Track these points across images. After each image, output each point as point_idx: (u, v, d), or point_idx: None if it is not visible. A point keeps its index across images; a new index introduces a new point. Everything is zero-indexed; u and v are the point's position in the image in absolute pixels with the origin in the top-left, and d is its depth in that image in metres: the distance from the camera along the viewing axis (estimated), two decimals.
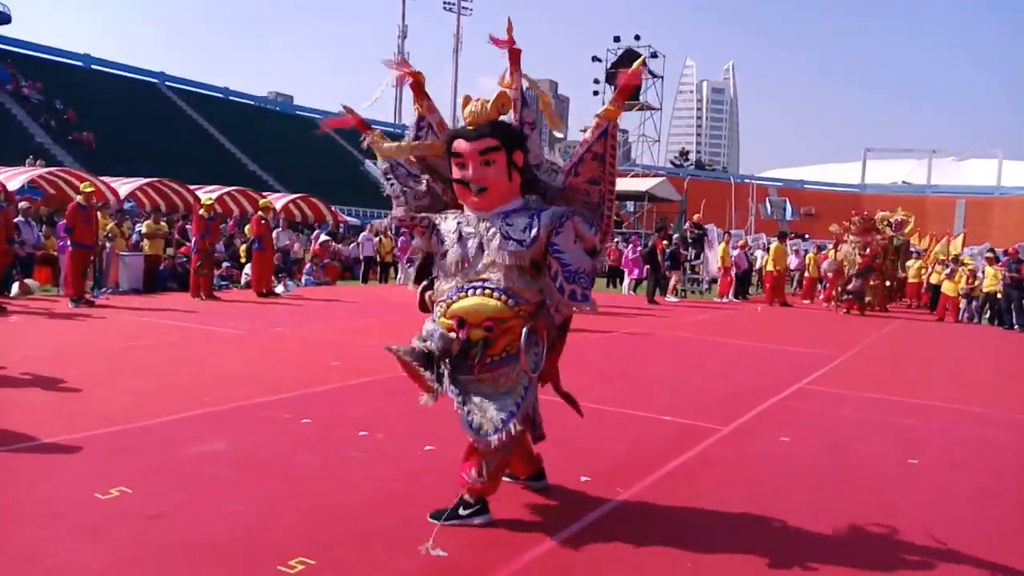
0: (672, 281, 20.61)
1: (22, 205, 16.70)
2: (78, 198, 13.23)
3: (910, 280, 23.05)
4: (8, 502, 3.93)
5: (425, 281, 4.09)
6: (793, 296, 23.76)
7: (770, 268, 21.02)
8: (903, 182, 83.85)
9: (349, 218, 37.65)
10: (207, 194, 22.15)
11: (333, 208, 36.13)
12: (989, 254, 21.40)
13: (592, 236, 3.81)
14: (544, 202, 3.95)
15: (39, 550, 3.37)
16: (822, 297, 22.24)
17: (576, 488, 4.52)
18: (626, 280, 22.63)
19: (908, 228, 22.24)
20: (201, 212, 15.53)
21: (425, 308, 4.03)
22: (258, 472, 4.56)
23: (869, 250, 18.97)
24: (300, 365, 8.25)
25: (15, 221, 14.25)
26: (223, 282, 17.65)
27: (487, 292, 3.71)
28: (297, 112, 74.48)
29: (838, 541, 4.04)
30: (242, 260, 19.19)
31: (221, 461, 4.73)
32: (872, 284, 19.18)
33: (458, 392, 3.78)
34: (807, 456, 5.71)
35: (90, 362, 7.90)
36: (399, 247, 21.67)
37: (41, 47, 55.03)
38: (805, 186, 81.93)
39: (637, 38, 52.88)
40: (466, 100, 3.87)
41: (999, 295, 18.11)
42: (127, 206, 26.60)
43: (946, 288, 19.51)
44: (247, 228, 20.18)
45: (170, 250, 18.27)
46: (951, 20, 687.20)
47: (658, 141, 57.10)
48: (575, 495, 4.43)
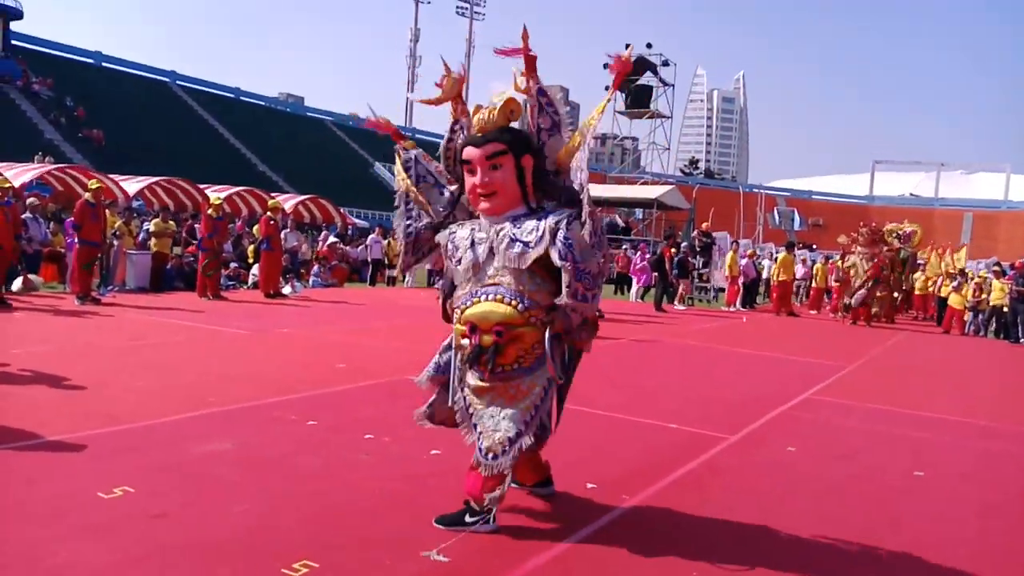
0: (680, 289, 20.61)
1: (30, 201, 16.76)
2: (86, 195, 13.23)
3: (916, 292, 23.01)
4: (10, 500, 3.91)
5: (446, 289, 4.08)
6: (800, 307, 23.75)
7: (778, 278, 21.02)
8: (911, 194, 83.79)
9: (358, 220, 37.70)
10: (216, 194, 22.22)
11: (342, 210, 36.19)
12: (996, 267, 21.41)
13: (591, 235, 3.79)
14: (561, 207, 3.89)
15: (41, 549, 3.36)
16: (829, 308, 22.22)
17: (582, 495, 4.49)
18: (634, 287, 22.64)
19: (916, 240, 22.21)
20: (210, 212, 15.57)
21: (448, 318, 4.01)
22: (263, 473, 4.54)
23: (876, 260, 18.96)
24: (306, 366, 8.24)
25: (23, 217, 14.28)
26: (230, 282, 17.66)
27: (498, 297, 3.70)
28: (308, 113, 74.68)
29: (843, 552, 4.01)
30: (250, 260, 19.21)
31: (226, 461, 4.71)
32: (879, 295, 19.16)
33: (469, 414, 3.80)
34: (813, 466, 5.69)
35: (95, 360, 7.90)
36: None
37: (52, 44, 55.29)
38: (813, 197, 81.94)
39: (649, 46, 52.91)
40: (476, 109, 3.87)
41: (1005, 308, 18.11)
42: (135, 204, 26.70)
43: (952, 301, 19.48)
44: (255, 228, 20.23)
45: (178, 249, 18.31)
46: (963, 34, 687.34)
47: (668, 149, 57.18)
48: (581, 502, 4.40)
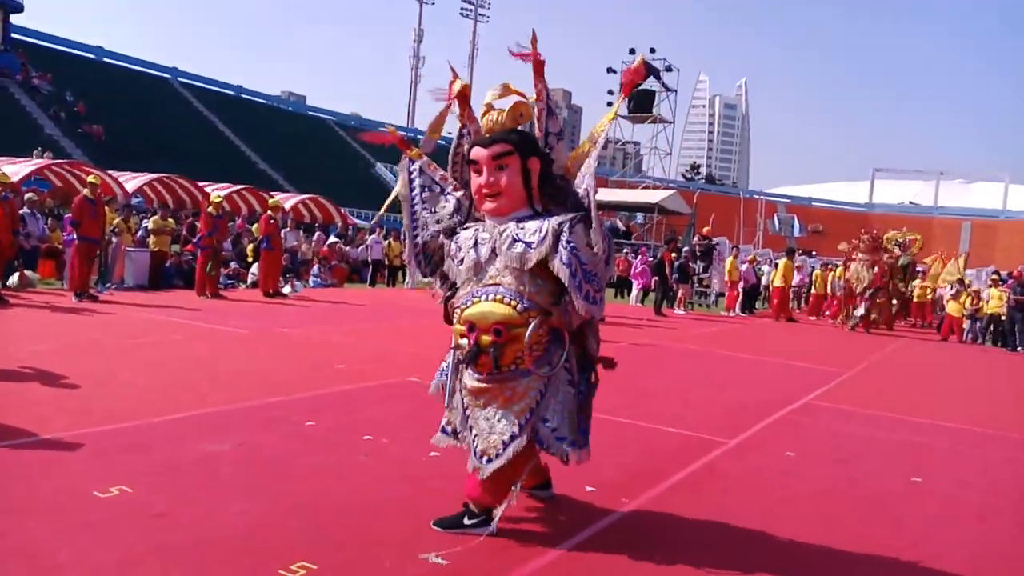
0: (680, 294, 20.61)
1: (28, 197, 16.72)
2: (85, 191, 13.21)
3: (916, 300, 23.04)
4: (8, 499, 3.88)
5: (449, 292, 4.07)
6: (799, 312, 23.78)
7: (778, 284, 21.06)
8: (910, 203, 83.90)
9: (358, 220, 37.70)
10: (216, 192, 22.21)
11: (343, 210, 36.19)
12: (994, 276, 21.45)
13: (596, 239, 3.78)
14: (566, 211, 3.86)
15: (40, 547, 3.34)
16: (828, 314, 22.24)
17: (581, 498, 4.48)
18: (634, 291, 22.64)
19: (916, 248, 22.22)
20: (209, 210, 15.55)
21: (450, 320, 3.99)
22: (261, 474, 4.53)
23: (877, 269, 18.99)
24: (305, 367, 8.21)
25: (20, 213, 14.25)
26: (229, 281, 17.63)
27: (498, 297, 3.68)
28: (309, 112, 74.72)
29: (842, 556, 4.01)
30: (249, 259, 19.18)
31: (224, 461, 4.69)
32: (879, 302, 19.20)
33: (465, 416, 3.80)
34: (812, 471, 5.69)
35: (93, 358, 7.86)
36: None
37: (53, 38, 55.18)
38: (813, 203, 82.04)
39: (652, 51, 52.99)
40: (487, 109, 3.85)
41: (1003, 316, 18.16)
42: (134, 201, 26.69)
43: (951, 308, 19.56)
44: (255, 227, 20.20)
45: (176, 247, 18.28)
46: (965, 44, 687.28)
47: (670, 154, 57.29)
48: (580, 505, 4.39)
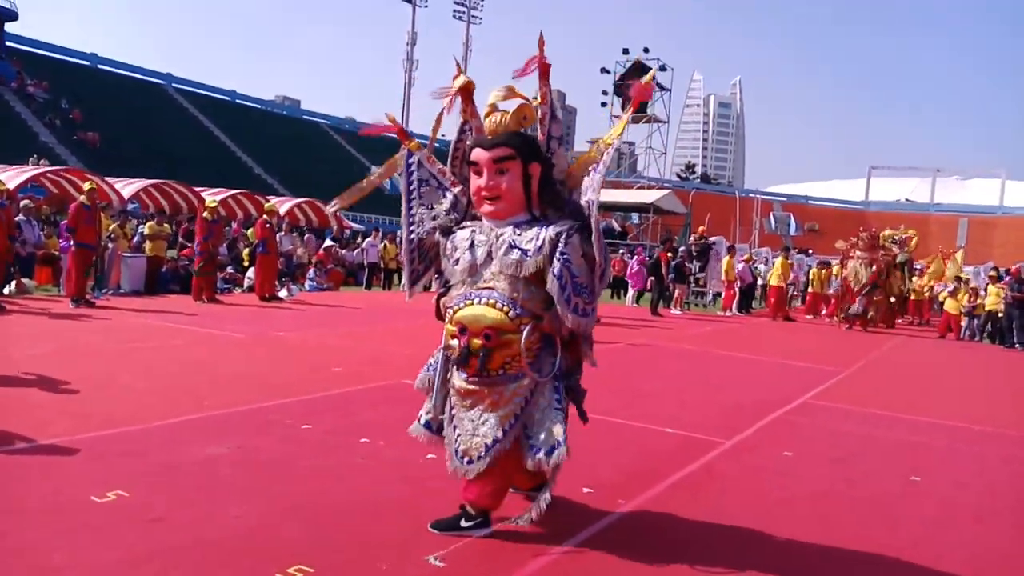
0: (676, 294, 20.61)
1: (24, 204, 16.69)
2: (81, 198, 13.21)
3: (913, 297, 23.05)
4: (7, 502, 3.88)
5: (442, 288, 4.07)
6: (795, 311, 23.78)
7: (774, 283, 21.07)
8: (907, 200, 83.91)
9: (354, 224, 37.63)
10: (212, 197, 22.19)
11: (338, 214, 36.11)
12: (992, 273, 21.45)
13: (593, 252, 3.77)
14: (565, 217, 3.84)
15: (38, 550, 3.34)
16: (826, 313, 22.24)
17: (578, 500, 4.48)
18: (630, 292, 22.63)
19: (912, 245, 22.22)
20: (205, 215, 15.55)
21: (441, 316, 3.99)
22: (258, 477, 4.53)
23: (875, 267, 19.00)
24: (302, 370, 8.22)
25: (16, 220, 14.23)
26: (225, 285, 17.61)
27: (490, 302, 3.67)
28: (304, 116, 74.66)
29: (839, 557, 4.02)
30: (245, 264, 19.17)
31: (222, 465, 4.69)
32: (876, 299, 19.20)
33: (451, 415, 3.83)
34: (810, 470, 5.69)
35: (91, 363, 7.86)
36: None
37: (48, 45, 55.14)
38: (809, 202, 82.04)
39: (646, 51, 52.91)
40: (491, 109, 3.84)
41: (1000, 314, 18.17)
42: (130, 207, 26.65)
43: (948, 306, 19.58)
44: (251, 231, 20.17)
45: (172, 252, 18.26)
46: (960, 41, 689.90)
47: (664, 154, 57.03)
48: (577, 507, 4.39)
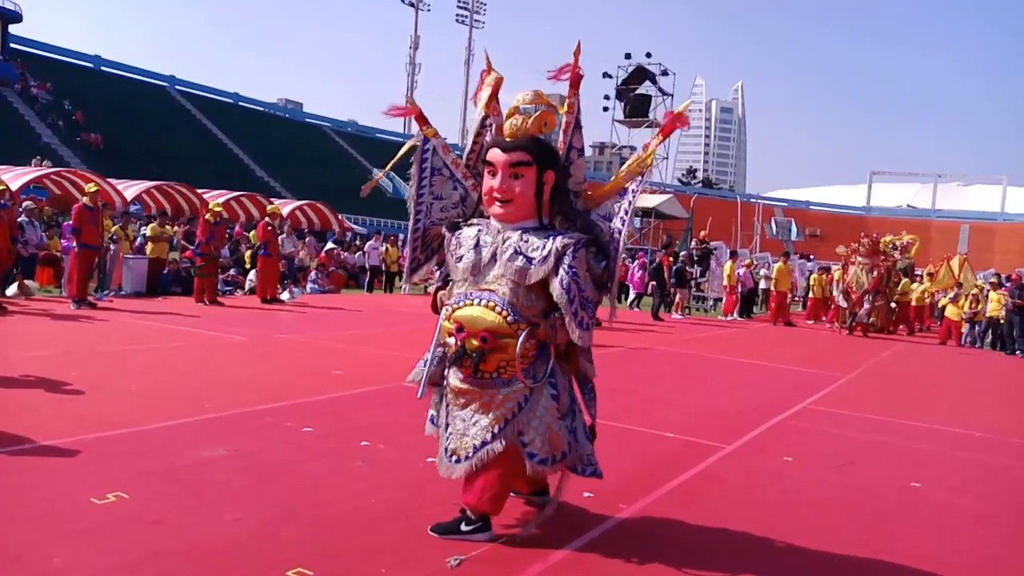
0: (678, 298, 20.60)
1: (26, 205, 16.70)
2: (84, 199, 13.22)
3: (913, 303, 23.02)
4: (3, 504, 3.88)
5: (440, 282, 4.07)
6: (796, 316, 23.77)
7: (782, 288, 21.08)
8: (908, 205, 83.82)
9: (356, 226, 37.64)
10: (214, 199, 22.23)
11: (340, 216, 36.15)
12: (993, 279, 21.41)
13: (599, 270, 3.76)
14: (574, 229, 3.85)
15: (35, 553, 3.34)
16: (826, 318, 22.21)
17: (578, 504, 4.47)
18: (630, 295, 22.61)
19: (913, 251, 22.21)
20: (207, 217, 15.55)
21: (437, 309, 3.99)
22: (258, 480, 4.53)
23: (876, 273, 18.99)
24: (303, 373, 8.22)
25: (19, 221, 14.24)
26: (227, 287, 17.62)
27: (490, 305, 3.67)
28: (306, 119, 74.56)
29: (839, 563, 4.02)
30: (247, 266, 19.17)
31: (221, 467, 4.70)
32: (877, 305, 19.19)
33: (446, 411, 3.85)
34: (810, 476, 5.69)
35: (91, 364, 7.87)
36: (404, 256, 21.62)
37: (51, 47, 55.18)
38: (811, 207, 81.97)
39: (648, 56, 53.30)
40: (513, 111, 3.82)
41: (1001, 320, 18.12)
42: (132, 209, 26.70)
43: (949, 312, 19.53)
44: (253, 234, 20.17)
45: (174, 254, 18.26)
46: (961, 47, 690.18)
47: (666, 158, 57.32)
48: (577, 511, 4.39)
